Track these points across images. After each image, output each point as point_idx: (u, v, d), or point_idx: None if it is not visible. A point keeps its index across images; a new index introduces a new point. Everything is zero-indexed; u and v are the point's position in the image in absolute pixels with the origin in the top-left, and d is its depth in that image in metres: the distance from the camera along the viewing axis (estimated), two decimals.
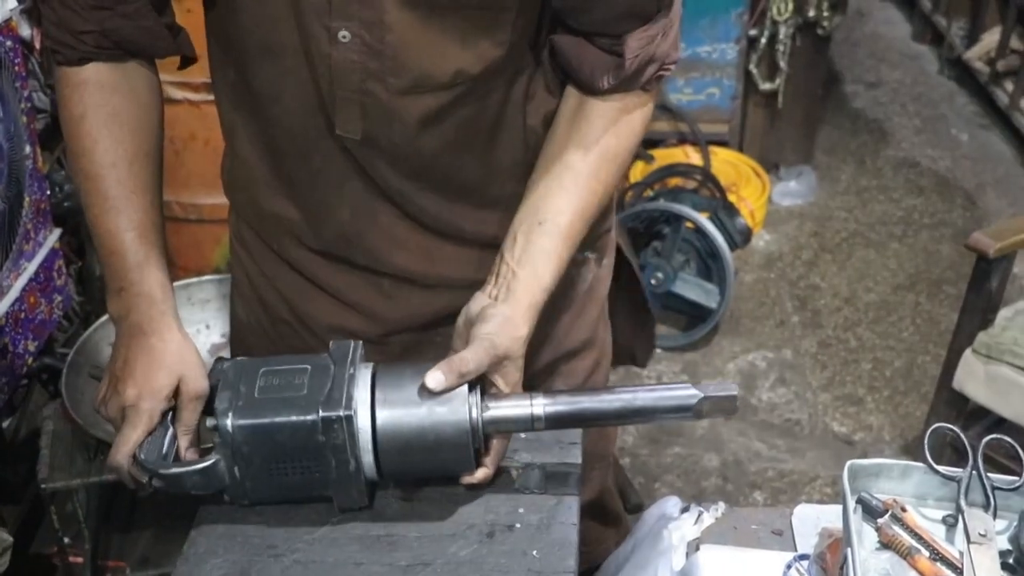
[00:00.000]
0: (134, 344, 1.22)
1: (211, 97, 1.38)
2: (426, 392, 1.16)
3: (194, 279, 2.38)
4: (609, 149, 1.31)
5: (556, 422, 1.20)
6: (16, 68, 2.22)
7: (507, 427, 1.21)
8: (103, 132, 1.26)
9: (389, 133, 1.28)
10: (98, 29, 1.24)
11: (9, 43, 2.19)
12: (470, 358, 1.18)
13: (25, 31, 2.53)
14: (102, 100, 1.27)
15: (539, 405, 1.18)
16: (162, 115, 1.35)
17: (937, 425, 1.18)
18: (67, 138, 1.30)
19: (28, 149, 2.26)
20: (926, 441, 1.14)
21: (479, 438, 1.19)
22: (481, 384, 1.21)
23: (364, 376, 1.18)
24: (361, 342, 1.22)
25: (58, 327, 2.62)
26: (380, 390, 1.18)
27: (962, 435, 1.15)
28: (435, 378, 1.16)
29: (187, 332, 1.26)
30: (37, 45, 2.62)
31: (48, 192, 2.41)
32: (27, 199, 2.25)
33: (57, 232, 2.42)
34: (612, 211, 1.62)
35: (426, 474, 1.23)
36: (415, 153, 1.31)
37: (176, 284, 2.31)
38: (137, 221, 1.26)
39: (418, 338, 1.49)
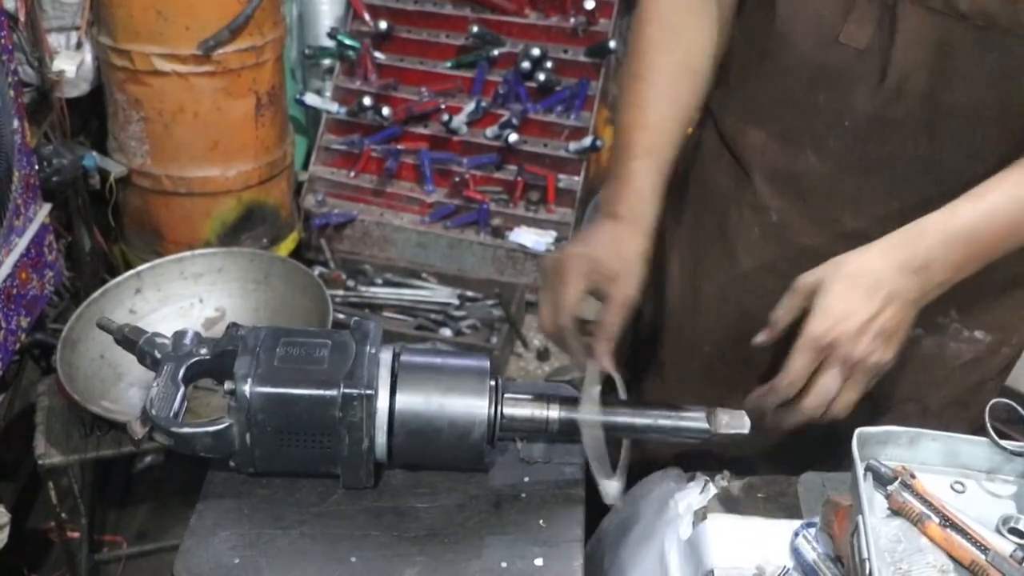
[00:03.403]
0: (604, 223, 1.28)
1: (200, 69, 1.33)
2: (447, 382, 1.18)
3: (186, 253, 2.35)
4: None
5: (568, 427, 1.21)
6: (2, 41, 2.19)
7: (520, 427, 1.22)
8: (658, 37, 1.36)
9: (888, 47, 1.22)
10: None
11: None
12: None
13: (9, 3, 2.50)
14: (669, 9, 1.37)
15: (555, 410, 1.21)
16: (723, 36, 1.40)
17: (995, 401, 1.17)
18: (630, 40, 1.42)
19: (16, 123, 2.23)
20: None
21: (493, 434, 1.19)
22: (502, 382, 1.21)
23: (386, 357, 1.18)
24: (381, 323, 1.21)
25: (48, 303, 2.61)
26: (403, 374, 1.18)
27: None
28: None
29: (645, 253, 1.29)
30: (22, 18, 2.59)
31: (36, 167, 2.39)
32: (16, 174, 2.23)
33: (47, 207, 2.39)
34: None
35: (434, 463, 1.24)
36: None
37: (168, 258, 2.33)
38: (652, 123, 1.33)
39: None
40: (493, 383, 1.20)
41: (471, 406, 1.17)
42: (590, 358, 1.24)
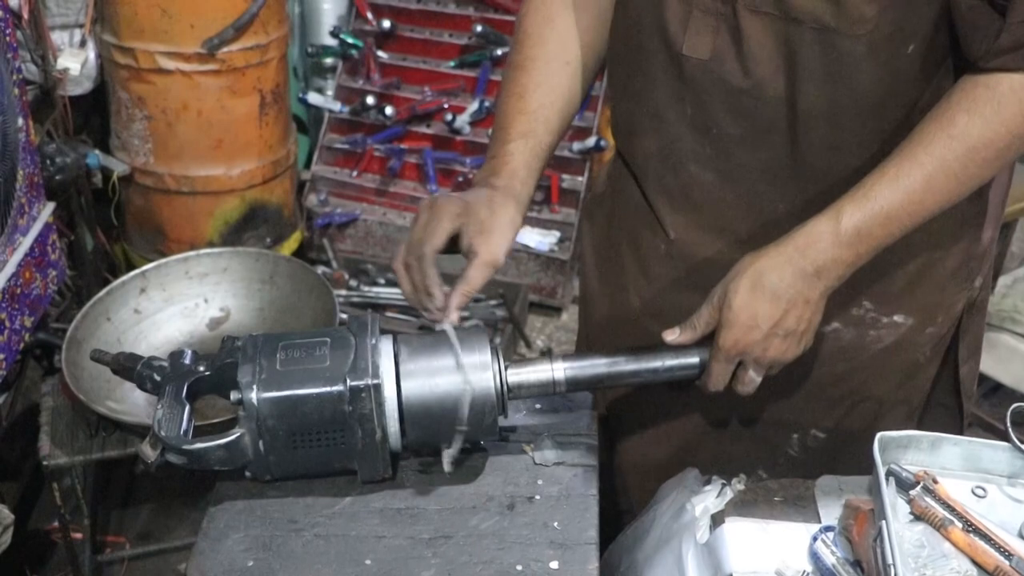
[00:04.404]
0: (480, 189, 1.30)
1: (204, 68, 1.33)
2: (449, 361, 1.17)
3: (191, 253, 2.34)
4: (956, 123, 1.13)
5: (575, 385, 1.23)
6: (7, 39, 2.17)
7: (529, 392, 1.23)
8: (534, 30, 1.40)
9: (737, 56, 1.24)
10: None
11: None
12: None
13: (13, 0, 2.49)
14: (545, 3, 1.41)
15: (560, 370, 1.22)
16: (602, 31, 1.42)
17: (1017, 405, 1.17)
18: (513, 32, 1.46)
19: (21, 121, 2.22)
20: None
21: (503, 404, 1.19)
22: (503, 351, 1.21)
23: (386, 347, 1.18)
24: (379, 315, 1.21)
25: (51, 302, 2.59)
26: (404, 360, 1.17)
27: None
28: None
29: (515, 223, 1.31)
30: (25, 15, 2.58)
31: (40, 165, 2.37)
32: (20, 172, 2.22)
33: (51, 206, 2.38)
34: (968, 275, 1.42)
35: (449, 442, 1.22)
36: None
37: (173, 258, 2.32)
38: (529, 109, 1.36)
39: None
40: (494, 354, 1.19)
41: (477, 380, 1.17)
42: (441, 308, 1.23)
